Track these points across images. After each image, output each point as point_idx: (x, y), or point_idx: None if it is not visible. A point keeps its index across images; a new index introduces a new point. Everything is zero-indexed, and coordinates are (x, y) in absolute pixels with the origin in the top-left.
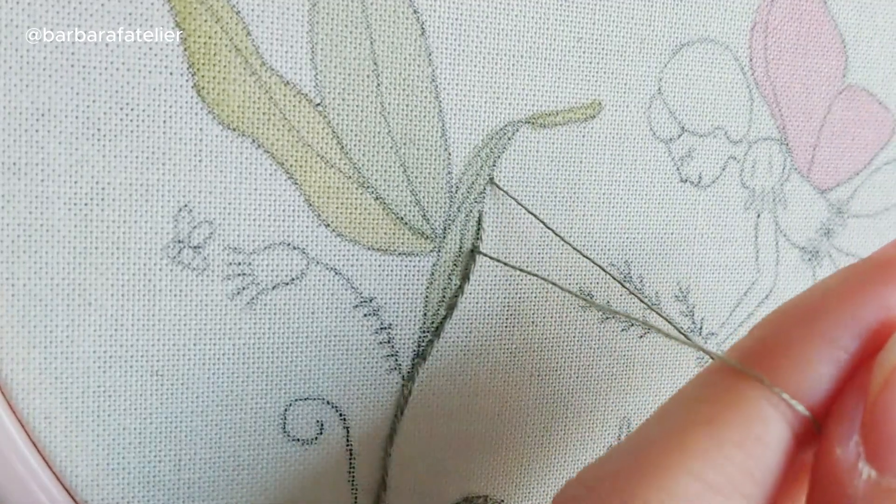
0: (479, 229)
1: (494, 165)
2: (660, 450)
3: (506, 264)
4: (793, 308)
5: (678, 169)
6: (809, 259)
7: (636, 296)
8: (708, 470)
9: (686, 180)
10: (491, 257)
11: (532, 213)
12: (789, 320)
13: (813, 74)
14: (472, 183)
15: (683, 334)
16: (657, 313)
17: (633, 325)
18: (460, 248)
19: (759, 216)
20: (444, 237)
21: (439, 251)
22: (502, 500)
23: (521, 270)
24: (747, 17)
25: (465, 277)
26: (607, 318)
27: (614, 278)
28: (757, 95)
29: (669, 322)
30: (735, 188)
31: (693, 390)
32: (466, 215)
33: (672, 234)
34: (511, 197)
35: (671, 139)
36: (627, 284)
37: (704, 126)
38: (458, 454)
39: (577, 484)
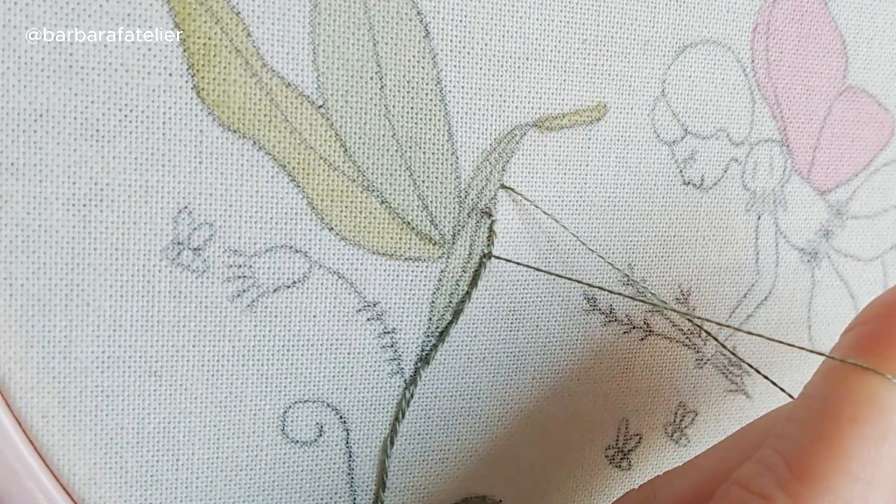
0: (490, 235)
1: (504, 170)
2: (812, 455)
3: (527, 266)
4: (893, 301)
5: (681, 171)
6: (808, 260)
7: (660, 301)
8: (865, 468)
9: (689, 182)
10: (508, 260)
11: (553, 218)
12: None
13: (814, 76)
14: (483, 188)
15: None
16: (692, 320)
17: (634, 327)
18: (470, 253)
19: (759, 218)
20: (454, 243)
21: (448, 257)
22: (500, 501)
23: (540, 270)
24: (749, 19)
25: (475, 283)
26: (610, 321)
27: (634, 283)
28: (758, 97)
29: (733, 328)
30: (736, 190)
31: (821, 393)
32: (477, 221)
33: (674, 236)
34: (528, 200)
35: (674, 141)
36: (641, 289)
37: (707, 128)
38: (457, 456)
39: (740, 489)
